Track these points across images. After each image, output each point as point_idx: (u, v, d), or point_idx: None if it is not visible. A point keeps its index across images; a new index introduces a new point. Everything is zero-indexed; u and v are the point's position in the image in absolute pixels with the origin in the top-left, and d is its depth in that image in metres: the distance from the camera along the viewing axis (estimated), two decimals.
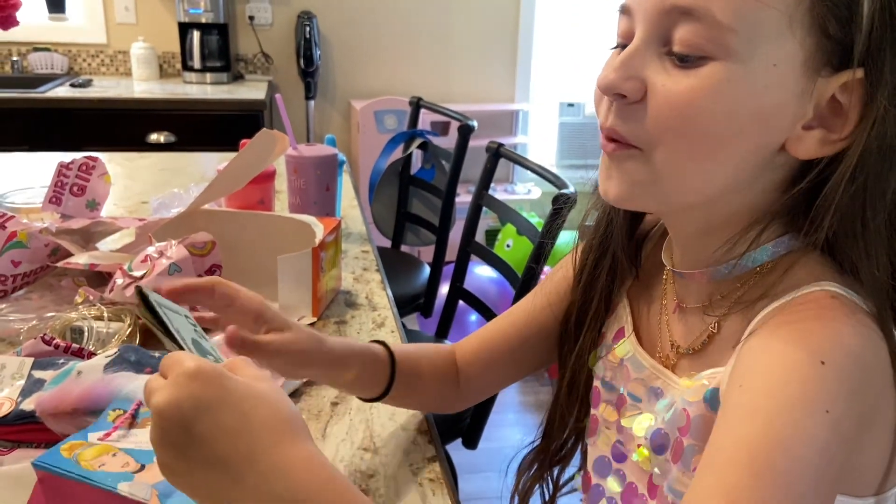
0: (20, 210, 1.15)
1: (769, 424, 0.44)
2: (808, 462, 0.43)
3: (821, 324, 0.47)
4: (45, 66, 2.91)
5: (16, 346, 0.86)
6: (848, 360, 0.45)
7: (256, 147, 1.00)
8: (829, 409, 0.44)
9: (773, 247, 0.52)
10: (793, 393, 0.44)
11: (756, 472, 0.42)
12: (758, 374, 0.46)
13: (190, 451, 0.43)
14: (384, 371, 0.71)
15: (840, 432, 0.44)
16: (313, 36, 2.96)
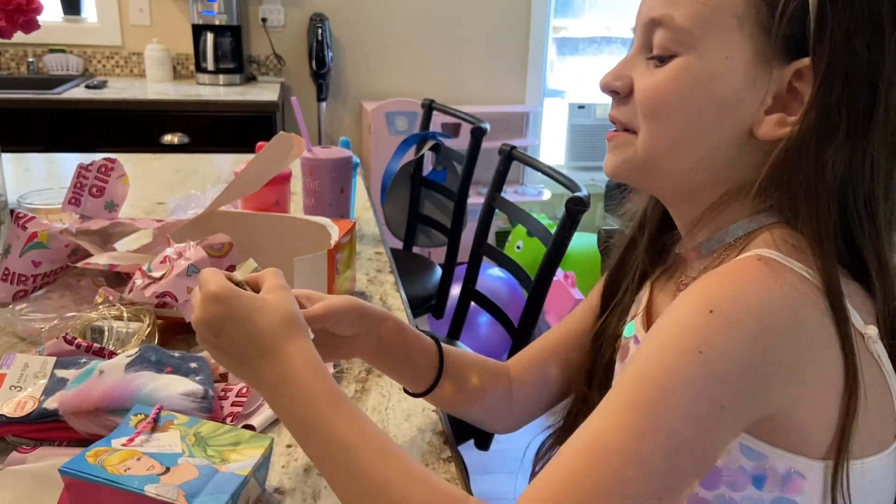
0: (39, 211, 1.17)
1: (646, 362, 0.51)
2: (676, 394, 0.48)
3: (729, 280, 0.52)
4: (61, 68, 2.94)
5: (37, 346, 0.88)
6: (741, 312, 0.50)
7: (273, 150, 1.01)
8: (702, 351, 0.49)
9: (748, 223, 0.58)
10: (672, 335, 0.51)
11: (628, 401, 0.50)
12: (658, 325, 0.53)
13: (220, 350, 0.61)
14: (432, 361, 0.73)
15: (714, 372, 0.48)
16: (325, 38, 2.98)
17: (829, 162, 0.54)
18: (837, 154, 0.53)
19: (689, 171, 0.59)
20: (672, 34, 0.57)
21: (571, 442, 0.51)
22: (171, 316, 0.92)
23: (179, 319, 0.91)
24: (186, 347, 0.91)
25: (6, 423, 0.70)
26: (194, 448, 0.65)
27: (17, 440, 0.71)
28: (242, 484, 0.61)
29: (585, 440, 0.50)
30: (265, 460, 0.66)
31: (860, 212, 0.55)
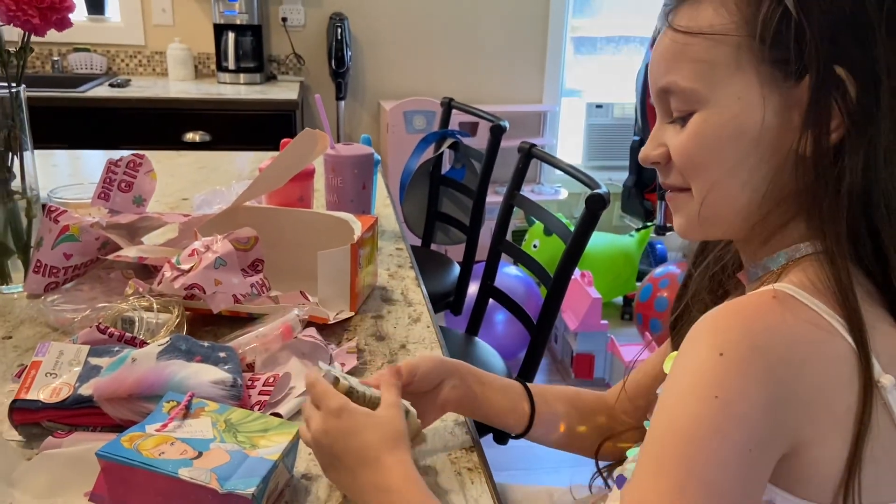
0: (69, 205, 1.19)
1: (666, 413, 0.52)
2: (703, 443, 0.49)
3: (738, 318, 0.52)
4: (85, 67, 2.98)
5: (69, 336, 0.90)
6: (750, 352, 0.50)
7: (298, 146, 1.03)
8: (717, 395, 0.50)
9: (791, 251, 0.59)
10: (687, 383, 0.52)
11: (659, 460, 0.51)
12: (672, 371, 0.54)
13: (334, 460, 0.66)
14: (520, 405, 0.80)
15: (734, 414, 0.49)
16: (344, 37, 3.00)
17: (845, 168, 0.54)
18: (851, 158, 0.54)
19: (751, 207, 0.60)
20: (682, 96, 0.59)
21: None
22: (198, 307, 0.94)
23: (207, 311, 0.93)
24: (214, 338, 0.93)
25: (42, 408, 0.72)
26: (225, 434, 0.67)
27: (52, 425, 0.73)
28: (272, 468, 0.63)
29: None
30: (293, 447, 0.68)
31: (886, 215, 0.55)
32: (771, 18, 0.54)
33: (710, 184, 0.60)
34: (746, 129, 0.57)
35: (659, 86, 0.62)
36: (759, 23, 0.55)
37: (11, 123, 1.01)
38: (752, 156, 0.58)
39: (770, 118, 0.56)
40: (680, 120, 0.61)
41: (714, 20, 0.57)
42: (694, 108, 0.59)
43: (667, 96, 0.61)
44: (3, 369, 0.85)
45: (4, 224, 1.04)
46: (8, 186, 1.04)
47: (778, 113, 0.56)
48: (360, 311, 1.06)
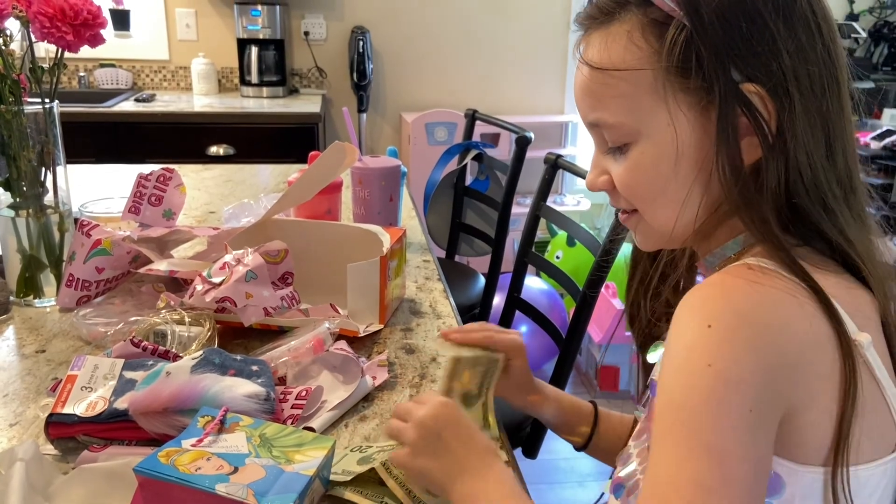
0: (99, 219, 1.21)
1: (669, 392, 0.53)
2: (701, 411, 0.50)
3: (719, 292, 0.54)
4: (111, 82, 3.02)
5: (102, 349, 0.91)
6: (736, 319, 0.52)
7: (328, 158, 1.03)
8: (710, 363, 0.51)
9: (745, 236, 0.60)
10: (682, 359, 0.53)
11: (665, 434, 0.52)
12: (666, 350, 0.56)
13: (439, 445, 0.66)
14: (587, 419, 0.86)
15: (728, 380, 0.50)
16: (366, 50, 3.02)
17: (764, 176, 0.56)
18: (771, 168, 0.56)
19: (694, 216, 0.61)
20: (612, 130, 0.61)
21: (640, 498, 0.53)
22: (229, 321, 0.94)
23: (238, 324, 0.93)
24: (245, 351, 0.92)
25: (78, 422, 0.73)
26: (260, 449, 0.66)
27: (87, 439, 0.73)
28: (308, 484, 0.62)
29: (648, 490, 0.52)
30: (328, 461, 0.68)
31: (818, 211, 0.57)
32: (675, 47, 0.56)
33: (655, 206, 0.62)
34: (681, 152, 0.59)
35: (588, 120, 0.63)
36: (665, 53, 0.56)
37: (45, 139, 1.02)
38: (689, 174, 0.59)
39: (694, 139, 0.58)
40: (616, 150, 0.62)
41: (626, 56, 0.58)
42: (626, 139, 0.60)
43: (598, 129, 0.63)
44: (38, 383, 0.86)
45: (37, 238, 1.05)
46: (41, 201, 1.05)
47: (700, 133, 0.58)
48: (390, 323, 1.05)
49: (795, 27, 0.56)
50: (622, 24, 0.59)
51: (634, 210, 0.65)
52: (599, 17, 0.60)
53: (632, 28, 0.58)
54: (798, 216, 0.58)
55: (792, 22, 0.56)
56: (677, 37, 0.56)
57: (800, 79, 0.55)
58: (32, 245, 1.05)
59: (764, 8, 0.55)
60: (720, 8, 0.55)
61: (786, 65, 0.55)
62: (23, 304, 1.06)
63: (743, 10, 0.55)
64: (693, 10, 0.55)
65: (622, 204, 0.66)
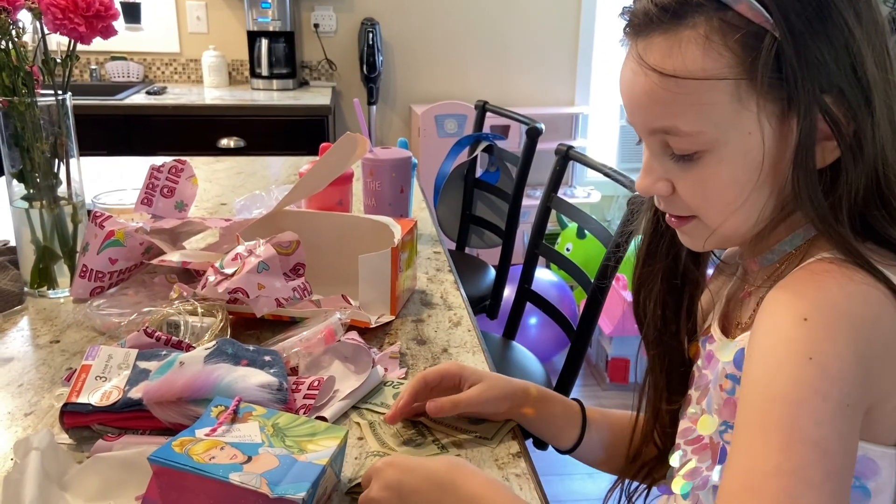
0: (112, 210, 1.21)
1: (767, 384, 0.52)
2: (804, 404, 0.50)
3: (811, 285, 0.55)
4: (122, 75, 3.03)
5: (115, 339, 0.91)
6: (831, 312, 0.52)
7: (339, 149, 1.03)
8: (811, 356, 0.51)
9: (805, 231, 0.61)
10: (780, 352, 0.53)
11: (764, 426, 0.51)
12: (757, 343, 0.55)
13: None
14: (574, 424, 0.82)
15: (830, 374, 0.51)
16: (376, 42, 3.02)
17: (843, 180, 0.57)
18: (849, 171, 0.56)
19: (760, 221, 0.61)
20: (685, 139, 0.58)
21: (726, 489, 0.52)
22: (241, 311, 0.95)
23: (250, 315, 0.94)
24: (257, 341, 0.93)
25: (93, 411, 0.73)
26: (273, 438, 0.67)
27: (102, 428, 0.74)
28: (321, 473, 0.62)
29: (740, 480, 0.51)
30: (341, 451, 0.68)
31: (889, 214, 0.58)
32: (768, 61, 0.54)
33: (724, 213, 0.61)
34: (759, 162, 0.58)
35: (654, 126, 0.60)
36: (761, 63, 0.54)
37: (58, 130, 1.02)
38: (766, 182, 0.59)
39: (774, 146, 0.57)
40: (682, 157, 0.60)
41: (706, 63, 0.55)
42: (700, 148, 0.58)
43: (663, 136, 0.60)
44: (52, 373, 0.87)
45: (51, 229, 1.06)
46: (54, 193, 1.05)
47: (780, 139, 0.57)
48: (401, 315, 1.05)
49: (871, 33, 0.56)
50: (695, 28, 0.56)
51: (691, 217, 0.63)
52: (663, 17, 0.57)
53: (709, 33, 0.55)
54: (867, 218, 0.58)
55: (870, 28, 0.55)
56: (771, 47, 0.54)
57: (878, 84, 0.56)
58: (46, 236, 1.06)
59: (847, 14, 0.54)
60: (809, 17, 0.54)
61: (868, 71, 0.55)
62: (37, 295, 1.07)
63: (829, 17, 0.54)
64: (785, 18, 0.54)
65: (678, 210, 0.64)
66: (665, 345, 0.75)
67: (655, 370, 0.76)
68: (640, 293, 0.75)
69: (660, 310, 0.73)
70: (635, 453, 0.80)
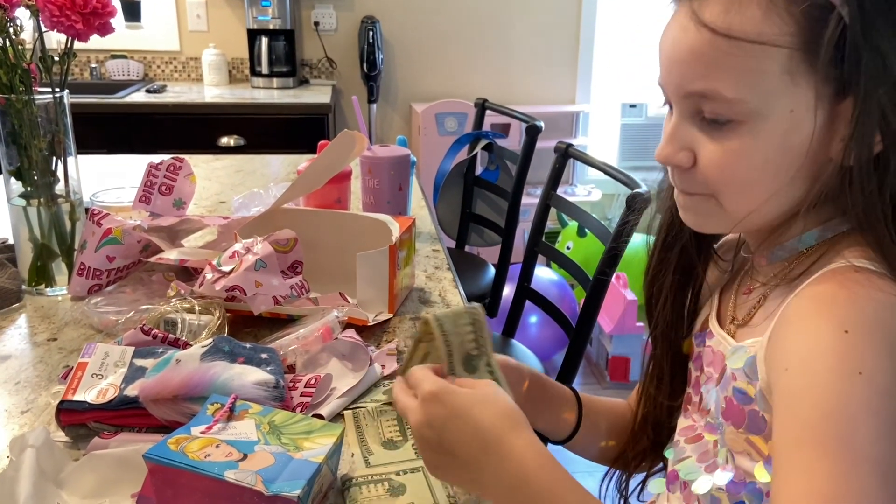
0: (110, 208, 1.21)
1: (815, 400, 0.50)
2: (859, 420, 0.48)
3: (843, 293, 0.52)
4: (122, 73, 3.03)
5: (112, 338, 0.91)
6: (869, 323, 0.50)
7: (337, 147, 1.03)
8: (861, 371, 0.49)
9: (821, 231, 0.59)
10: (826, 365, 0.50)
11: (821, 445, 0.48)
12: (795, 354, 0.53)
13: (443, 456, 0.58)
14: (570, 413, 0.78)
15: (879, 388, 0.49)
16: (376, 41, 3.01)
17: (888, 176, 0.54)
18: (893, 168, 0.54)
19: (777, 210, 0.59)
20: (724, 105, 0.55)
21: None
22: (239, 309, 0.95)
23: (247, 312, 0.93)
24: (254, 339, 0.93)
25: (89, 409, 0.73)
26: (269, 436, 0.66)
27: (98, 426, 0.74)
28: (317, 471, 0.62)
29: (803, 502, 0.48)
30: (337, 449, 0.68)
31: None
32: (833, 39, 0.51)
33: (745, 194, 0.58)
34: (795, 144, 0.55)
35: (692, 89, 0.56)
36: (823, 41, 0.52)
37: (56, 128, 1.02)
38: (795, 167, 0.56)
39: (819, 132, 0.54)
40: (713, 123, 0.56)
41: (763, 26, 0.53)
42: (738, 117, 0.55)
43: (700, 100, 0.56)
44: (49, 370, 0.86)
45: (49, 227, 1.06)
46: (52, 190, 1.05)
47: (824, 126, 0.54)
48: (399, 312, 1.05)
49: None
50: None
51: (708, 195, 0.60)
52: None
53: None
54: None
55: None
56: (836, 29, 0.51)
57: None
58: (44, 234, 1.06)
59: None
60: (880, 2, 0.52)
61: None
62: (34, 293, 1.07)
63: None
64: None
65: (695, 187, 0.60)
66: (672, 340, 0.73)
67: (661, 365, 0.75)
68: (653, 286, 0.73)
69: (670, 303, 0.72)
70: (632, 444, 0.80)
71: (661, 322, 0.74)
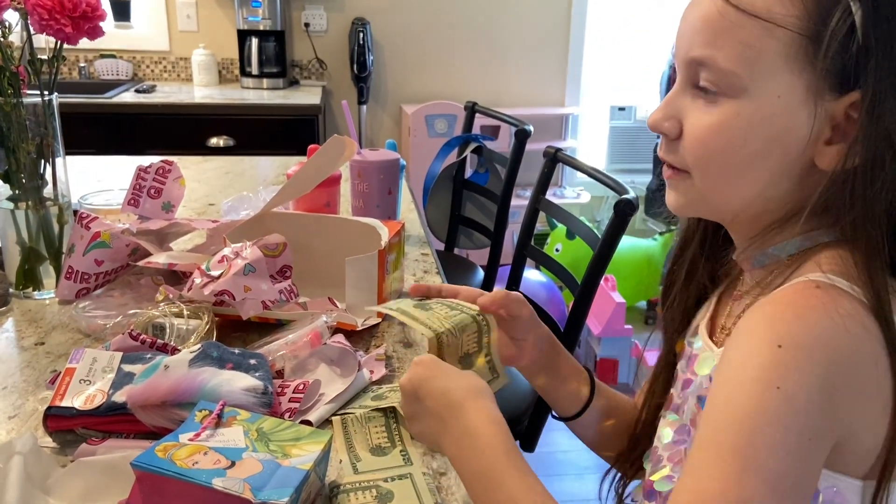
0: (98, 211, 1.21)
1: (724, 403, 0.52)
2: (763, 433, 0.49)
3: (791, 310, 0.52)
4: (111, 73, 3.02)
5: (101, 342, 0.91)
6: (808, 341, 0.50)
7: (327, 151, 1.03)
8: (779, 386, 0.49)
9: (802, 240, 0.58)
10: (748, 375, 0.51)
11: (720, 447, 0.50)
12: (727, 364, 0.54)
13: (416, 404, 0.65)
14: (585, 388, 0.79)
15: (795, 406, 0.49)
16: (367, 42, 3.01)
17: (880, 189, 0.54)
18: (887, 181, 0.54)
19: (750, 202, 0.59)
20: (718, 75, 0.56)
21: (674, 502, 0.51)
22: (227, 314, 0.95)
23: (236, 317, 0.94)
24: (242, 344, 0.93)
25: (76, 415, 0.73)
26: (257, 443, 0.67)
27: (86, 432, 0.74)
28: (305, 478, 0.63)
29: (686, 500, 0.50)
30: (325, 456, 0.68)
31: None
32: (839, 30, 0.51)
33: (719, 177, 0.58)
34: (777, 132, 0.55)
35: (692, 55, 0.57)
36: (827, 30, 0.52)
37: (44, 131, 1.02)
38: (773, 158, 0.56)
39: (804, 126, 0.54)
40: (705, 93, 0.57)
41: (774, 5, 0.53)
42: (724, 91, 0.56)
43: (698, 67, 0.57)
44: (37, 375, 0.86)
45: (37, 230, 1.06)
46: (40, 193, 1.05)
47: (812, 122, 0.54)
48: (387, 317, 1.05)
49: None
50: None
51: (685, 171, 0.60)
52: None
53: None
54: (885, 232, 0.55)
55: None
56: (845, 20, 0.51)
57: None
58: (32, 237, 1.05)
59: None
60: None
61: None
62: (22, 297, 1.06)
63: None
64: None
65: (678, 160, 0.60)
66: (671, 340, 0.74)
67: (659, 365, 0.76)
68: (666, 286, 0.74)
69: (677, 304, 0.72)
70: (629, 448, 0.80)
71: (667, 322, 0.75)
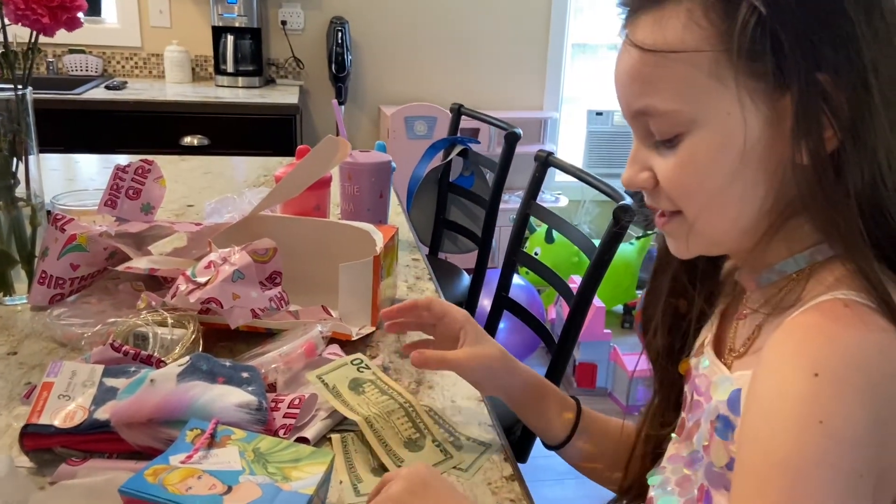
0: (73, 212, 1.14)
1: (769, 447, 0.48)
2: (809, 473, 0.46)
3: (822, 334, 0.49)
4: (80, 68, 2.92)
5: (78, 352, 0.85)
6: (846, 368, 0.47)
7: (319, 153, 0.99)
8: (822, 420, 0.46)
9: (811, 254, 0.56)
10: (786, 411, 0.48)
11: (764, 496, 0.47)
12: (761, 395, 0.51)
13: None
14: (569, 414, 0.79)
15: (841, 439, 0.46)
16: (345, 41, 2.96)
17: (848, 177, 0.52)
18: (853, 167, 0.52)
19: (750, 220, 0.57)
20: (663, 119, 0.56)
21: None
22: (213, 322, 0.90)
23: (223, 326, 0.89)
24: (230, 354, 0.88)
25: (56, 433, 0.68)
26: (254, 465, 0.62)
27: (65, 451, 0.68)
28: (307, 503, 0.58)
29: None
30: (326, 478, 0.64)
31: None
32: (745, 30, 0.51)
33: (707, 206, 0.57)
34: (739, 145, 0.54)
35: (634, 108, 0.57)
36: (736, 36, 0.51)
37: (17, 127, 0.96)
38: (747, 170, 0.55)
39: (761, 130, 0.53)
40: (664, 143, 0.57)
41: (685, 35, 0.53)
42: (679, 130, 0.55)
43: (643, 118, 0.57)
44: (10, 388, 0.80)
45: (8, 232, 0.99)
46: (12, 193, 0.99)
47: (769, 124, 0.53)
48: (382, 325, 1.01)
49: (873, 13, 0.51)
50: (680, 3, 0.53)
51: (677, 211, 0.59)
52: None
53: (692, 6, 0.53)
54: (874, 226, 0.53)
55: (871, 8, 0.51)
56: (749, 17, 0.51)
57: (879, 69, 0.51)
58: (3, 240, 0.99)
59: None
60: None
61: (865, 54, 0.51)
62: None
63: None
64: None
65: (664, 204, 0.60)
66: (667, 367, 0.71)
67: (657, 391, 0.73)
68: (645, 313, 0.71)
69: (662, 331, 0.70)
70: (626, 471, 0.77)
71: (653, 349, 0.72)
